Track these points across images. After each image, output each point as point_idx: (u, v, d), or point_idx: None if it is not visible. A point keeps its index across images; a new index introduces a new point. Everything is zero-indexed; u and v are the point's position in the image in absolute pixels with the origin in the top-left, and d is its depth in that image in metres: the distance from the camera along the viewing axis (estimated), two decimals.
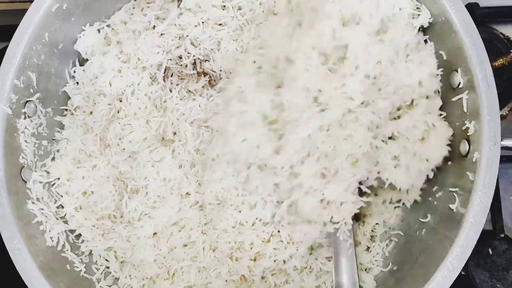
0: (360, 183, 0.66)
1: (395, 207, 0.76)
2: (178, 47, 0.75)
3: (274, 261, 0.70)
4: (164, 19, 0.76)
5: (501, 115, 0.88)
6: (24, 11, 0.71)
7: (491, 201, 0.61)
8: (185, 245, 0.72)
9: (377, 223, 0.75)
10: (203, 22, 0.75)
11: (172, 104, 0.73)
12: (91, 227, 0.73)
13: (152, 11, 0.77)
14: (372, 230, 0.75)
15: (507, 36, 0.91)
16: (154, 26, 0.77)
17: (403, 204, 0.75)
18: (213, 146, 0.70)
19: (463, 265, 0.61)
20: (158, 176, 0.71)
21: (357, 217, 0.74)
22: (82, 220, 0.73)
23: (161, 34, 0.76)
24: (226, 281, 0.71)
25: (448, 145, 0.67)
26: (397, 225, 0.75)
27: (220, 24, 0.75)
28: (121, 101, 0.75)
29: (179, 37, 0.75)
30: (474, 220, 0.61)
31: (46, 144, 0.75)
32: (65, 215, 0.73)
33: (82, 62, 0.79)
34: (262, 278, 0.72)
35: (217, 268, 0.71)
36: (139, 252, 0.71)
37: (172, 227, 0.72)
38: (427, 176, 0.68)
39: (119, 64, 0.75)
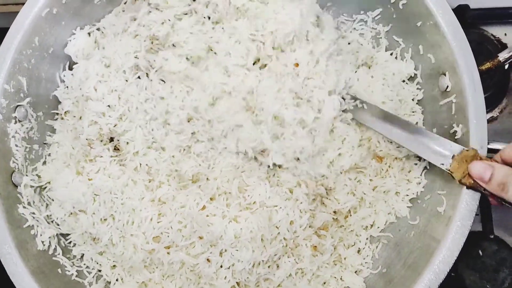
0: None
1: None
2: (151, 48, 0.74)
3: (269, 266, 0.70)
4: (135, 19, 0.75)
5: (492, 117, 0.89)
6: (16, 14, 0.71)
7: (477, 204, 0.62)
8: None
9: (367, 226, 0.76)
10: (169, 20, 0.73)
11: None
12: (83, 232, 0.73)
13: (129, 12, 0.76)
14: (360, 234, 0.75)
15: (498, 37, 0.91)
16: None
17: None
18: None
19: (450, 268, 0.61)
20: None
21: None
22: (73, 224, 0.73)
23: (135, 36, 0.75)
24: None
25: None
26: (387, 227, 0.76)
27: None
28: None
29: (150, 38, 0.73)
30: (461, 223, 0.62)
31: (37, 148, 0.75)
32: (57, 219, 0.73)
33: (73, 66, 0.79)
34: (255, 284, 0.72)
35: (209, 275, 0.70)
36: (130, 257, 0.71)
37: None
38: None
39: (102, 69, 0.74)
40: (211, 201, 0.70)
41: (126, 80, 0.73)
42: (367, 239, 0.75)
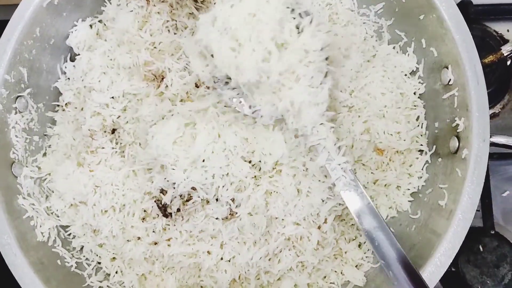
0: None
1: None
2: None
3: (269, 259, 0.70)
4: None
5: (493, 113, 0.89)
6: (17, 6, 0.71)
7: (479, 197, 0.61)
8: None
9: None
10: None
11: None
12: (83, 224, 0.73)
13: None
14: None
15: (500, 33, 0.91)
16: None
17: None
18: None
19: (451, 261, 0.61)
20: None
21: None
22: (74, 216, 0.73)
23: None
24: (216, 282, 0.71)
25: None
26: (388, 222, 0.75)
27: None
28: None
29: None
30: (463, 216, 0.61)
31: (38, 140, 0.75)
32: (56, 210, 0.73)
33: (75, 57, 0.79)
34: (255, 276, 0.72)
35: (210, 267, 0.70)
36: (130, 249, 0.71)
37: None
38: None
39: (106, 61, 0.74)
40: None
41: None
42: None
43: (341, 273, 0.73)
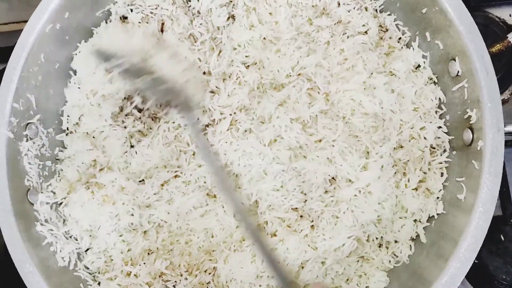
0: None
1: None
2: None
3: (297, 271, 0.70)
4: None
5: (502, 99, 0.88)
6: (19, 32, 0.71)
7: (498, 188, 0.61)
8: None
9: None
10: None
11: None
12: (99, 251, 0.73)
13: None
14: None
15: (503, 19, 0.91)
16: None
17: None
18: None
19: (476, 255, 0.60)
20: None
21: None
22: (91, 240, 0.73)
23: None
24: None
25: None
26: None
27: None
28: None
29: None
30: (483, 209, 0.61)
31: (50, 165, 0.75)
32: (75, 234, 0.73)
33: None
34: None
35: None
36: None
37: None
38: None
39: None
40: None
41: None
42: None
43: (364, 274, 0.72)
